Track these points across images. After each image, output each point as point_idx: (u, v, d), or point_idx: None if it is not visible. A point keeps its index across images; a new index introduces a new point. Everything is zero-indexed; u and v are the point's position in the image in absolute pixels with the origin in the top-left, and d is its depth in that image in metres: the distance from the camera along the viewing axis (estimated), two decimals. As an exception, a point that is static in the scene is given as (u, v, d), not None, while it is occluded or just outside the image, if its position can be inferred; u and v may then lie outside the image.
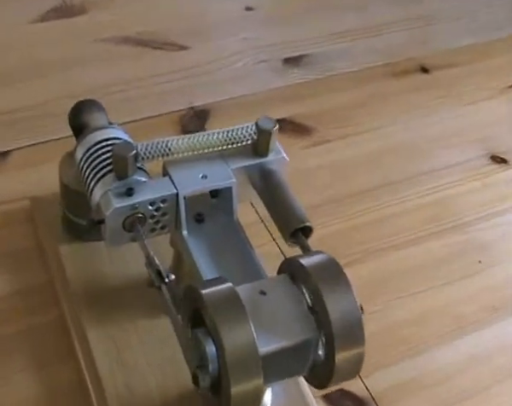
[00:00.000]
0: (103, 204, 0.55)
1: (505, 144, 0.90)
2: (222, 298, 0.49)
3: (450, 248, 0.78)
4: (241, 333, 0.47)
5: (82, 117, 0.63)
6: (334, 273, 0.51)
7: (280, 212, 0.58)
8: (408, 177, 0.84)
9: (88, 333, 0.63)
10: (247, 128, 0.58)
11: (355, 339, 0.50)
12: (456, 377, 0.67)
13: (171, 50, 0.92)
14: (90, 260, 0.68)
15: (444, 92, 0.95)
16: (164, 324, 0.62)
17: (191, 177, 0.57)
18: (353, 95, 0.92)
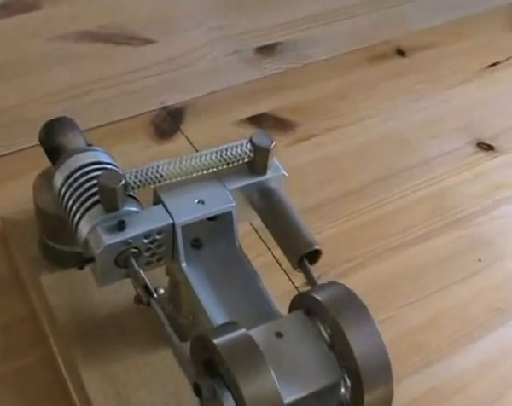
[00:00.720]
0: (92, 241, 0.50)
1: (490, 129, 0.86)
2: (238, 348, 0.44)
3: (451, 246, 0.74)
4: (262, 385, 0.42)
5: (55, 138, 0.56)
6: (352, 306, 0.47)
7: (285, 237, 0.53)
8: (399, 171, 0.80)
9: (82, 372, 0.57)
10: (242, 146, 0.53)
11: (383, 375, 0.45)
12: (472, 384, 0.64)
13: (136, 45, 0.85)
14: (75, 288, 0.62)
15: (423, 76, 0.91)
16: (164, 354, 0.58)
17: (187, 204, 0.52)
18: (333, 85, 0.87)
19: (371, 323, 0.46)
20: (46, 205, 0.59)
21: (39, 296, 0.62)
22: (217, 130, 0.79)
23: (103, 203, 0.50)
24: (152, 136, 0.77)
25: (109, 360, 0.58)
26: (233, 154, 0.52)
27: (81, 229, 0.51)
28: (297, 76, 0.87)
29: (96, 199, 0.51)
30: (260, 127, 0.81)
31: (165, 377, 0.58)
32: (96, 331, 0.60)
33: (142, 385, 0.57)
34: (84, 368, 0.57)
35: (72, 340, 0.59)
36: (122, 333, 0.60)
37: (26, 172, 0.70)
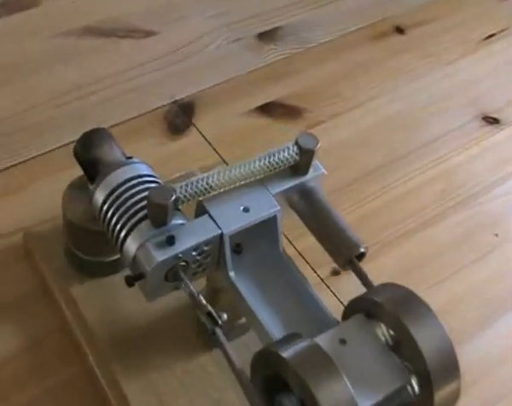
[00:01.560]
0: (143, 258, 0.49)
1: (494, 102, 0.87)
2: (309, 359, 0.44)
3: (465, 225, 0.75)
4: (338, 394, 0.43)
5: (92, 151, 0.56)
6: (414, 305, 0.48)
7: (331, 238, 0.53)
8: (407, 152, 0.81)
9: (124, 385, 0.57)
10: (289, 150, 0.53)
11: (451, 372, 0.46)
12: (499, 365, 0.66)
13: (139, 38, 0.84)
14: (106, 298, 0.62)
15: (423, 53, 0.91)
16: (204, 361, 0.59)
17: (232, 212, 0.52)
18: (335, 67, 0.87)
19: (437, 322, 0.46)
20: (77, 217, 0.59)
21: (70, 308, 0.62)
22: (228, 122, 0.79)
23: (152, 219, 0.50)
24: (165, 132, 0.77)
25: (148, 370, 0.59)
26: (280, 159, 0.52)
27: (128, 245, 0.51)
28: (300, 61, 0.87)
29: (143, 214, 0.51)
30: (271, 116, 0.81)
31: (206, 384, 0.58)
32: (132, 341, 0.60)
33: (184, 393, 0.58)
34: (125, 380, 0.58)
35: (109, 352, 0.59)
36: (158, 342, 0.60)
37: (39, 182, 0.71)
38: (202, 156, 0.76)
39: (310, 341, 0.45)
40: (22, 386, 0.59)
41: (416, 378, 0.47)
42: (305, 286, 0.53)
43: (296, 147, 0.53)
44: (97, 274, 0.62)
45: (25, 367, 0.60)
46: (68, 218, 0.60)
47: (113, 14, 0.85)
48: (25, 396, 0.58)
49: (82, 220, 0.59)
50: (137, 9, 0.87)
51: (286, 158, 0.53)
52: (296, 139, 0.54)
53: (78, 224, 0.59)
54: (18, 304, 0.63)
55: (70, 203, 0.60)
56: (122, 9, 0.86)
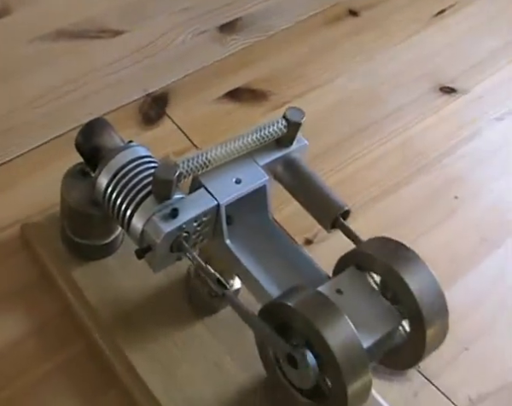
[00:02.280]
0: (151, 231, 0.54)
1: (449, 73, 0.94)
2: (314, 305, 0.49)
3: (427, 188, 0.81)
4: (344, 334, 0.48)
5: (93, 140, 0.60)
6: (401, 252, 0.53)
7: (316, 202, 0.58)
8: (369, 125, 0.86)
9: (130, 356, 0.61)
10: (278, 123, 0.58)
11: (440, 310, 0.52)
12: (468, 315, 0.71)
13: (109, 37, 0.88)
14: (106, 279, 0.66)
15: (377, 33, 0.97)
16: (200, 330, 0.64)
17: (226, 185, 0.57)
18: (295, 52, 0.93)
19: (425, 267, 0.52)
20: (77, 203, 0.63)
21: (72, 290, 0.65)
22: (199, 110, 0.84)
23: (157, 194, 0.54)
24: (140, 123, 0.81)
25: (151, 341, 0.63)
26: (270, 132, 0.57)
27: (136, 222, 0.55)
28: (262, 48, 0.92)
29: (146, 192, 0.55)
30: (238, 101, 0.86)
31: (203, 350, 0.63)
32: (132, 316, 0.64)
33: (184, 359, 0.62)
34: (129, 351, 0.62)
35: (113, 327, 0.63)
36: (157, 314, 0.64)
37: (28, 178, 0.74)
38: (176, 142, 0.80)
39: (312, 290, 0.50)
40: (33, 365, 0.62)
41: (408, 319, 0.53)
42: (296, 247, 0.58)
43: (284, 120, 0.58)
44: (94, 257, 0.66)
45: (34, 348, 0.63)
46: (69, 205, 0.63)
47: (82, 17, 0.89)
48: (37, 373, 0.62)
49: (81, 205, 0.62)
50: (105, 11, 0.90)
51: (275, 130, 0.58)
52: (284, 113, 0.58)
53: (78, 209, 0.63)
54: (20, 293, 0.66)
55: (68, 191, 0.63)
56: (91, 12, 0.90)
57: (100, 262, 0.67)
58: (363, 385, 0.49)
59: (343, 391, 0.48)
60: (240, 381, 0.60)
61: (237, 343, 0.62)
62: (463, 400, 0.64)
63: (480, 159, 0.85)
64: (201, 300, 0.63)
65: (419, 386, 0.64)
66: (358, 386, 0.49)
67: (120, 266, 0.66)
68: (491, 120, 0.90)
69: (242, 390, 0.61)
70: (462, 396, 0.64)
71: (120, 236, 0.66)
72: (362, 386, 0.49)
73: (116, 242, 0.66)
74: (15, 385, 0.61)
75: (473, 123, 0.89)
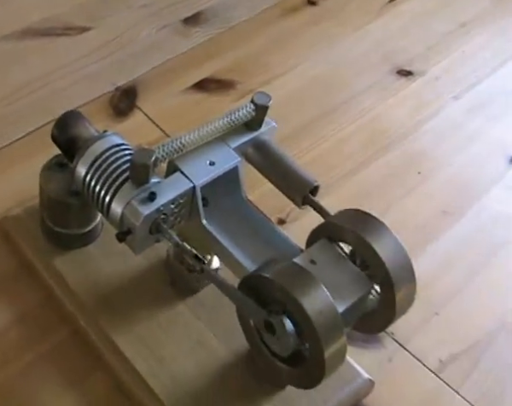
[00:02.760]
0: (130, 214, 0.56)
1: (405, 57, 0.97)
2: (290, 275, 0.52)
3: (391, 165, 0.84)
4: (319, 299, 0.51)
5: (69, 131, 0.62)
6: (369, 222, 0.56)
7: (287, 180, 0.61)
8: (333, 108, 0.89)
9: (115, 339, 0.63)
10: (246, 107, 0.60)
11: (408, 274, 0.55)
12: (436, 281, 0.74)
13: (75, 34, 0.90)
14: (87, 266, 0.68)
15: (335, 21, 1.00)
16: (182, 310, 0.66)
17: (200, 167, 0.59)
18: (258, 42, 0.95)
19: (391, 234, 0.55)
20: (55, 193, 0.65)
21: (55, 279, 0.67)
22: (168, 101, 0.86)
23: (135, 179, 0.57)
24: (111, 116, 0.83)
25: (135, 323, 0.65)
26: (239, 116, 0.60)
27: (115, 207, 0.57)
28: (225, 39, 0.95)
29: (124, 178, 0.57)
30: (206, 91, 0.88)
31: (186, 329, 0.65)
32: (116, 300, 0.66)
33: (169, 338, 0.64)
34: (116, 334, 0.64)
35: (97, 313, 0.65)
36: (140, 297, 0.67)
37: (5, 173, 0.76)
38: (148, 133, 0.82)
39: (287, 261, 0.53)
40: (18, 354, 0.64)
41: (378, 285, 0.56)
42: (270, 224, 0.60)
43: (252, 104, 0.61)
44: (75, 246, 0.68)
45: (17, 337, 0.65)
46: (48, 196, 0.65)
47: (47, 16, 0.91)
48: (22, 362, 0.63)
49: (60, 195, 0.64)
50: (69, 9, 0.92)
51: (244, 114, 0.60)
52: (252, 97, 0.61)
53: (58, 199, 0.65)
54: (1, 285, 0.68)
55: (47, 182, 0.65)
56: (55, 10, 0.92)
57: (81, 250, 0.68)
58: (339, 348, 0.52)
59: (320, 354, 0.51)
60: (223, 356, 0.63)
61: (218, 321, 0.65)
62: (434, 362, 0.67)
63: (441, 136, 0.88)
64: (182, 281, 0.66)
65: (393, 352, 0.67)
66: (335, 349, 0.51)
67: (101, 253, 0.69)
68: (449, 99, 0.93)
69: (226, 364, 0.63)
70: (432, 358, 0.67)
71: (100, 225, 0.68)
72: (338, 349, 0.52)
73: (96, 231, 0.68)
74: (1, 375, 0.62)
75: (432, 102, 0.92)
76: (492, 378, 0.67)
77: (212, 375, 0.62)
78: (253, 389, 0.61)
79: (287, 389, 0.61)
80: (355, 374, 0.63)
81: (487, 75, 0.97)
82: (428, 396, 0.65)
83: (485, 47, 1.01)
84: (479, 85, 0.96)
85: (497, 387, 0.67)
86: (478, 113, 0.92)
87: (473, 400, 0.65)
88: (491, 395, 0.66)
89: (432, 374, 0.67)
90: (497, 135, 0.90)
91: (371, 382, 0.64)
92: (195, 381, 0.62)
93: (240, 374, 0.62)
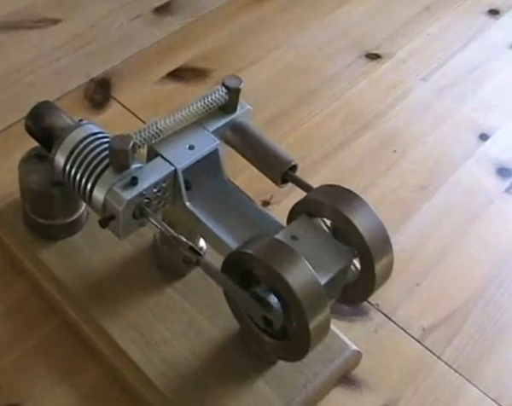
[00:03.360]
0: (113, 200, 0.56)
1: (373, 41, 0.99)
2: (272, 250, 0.53)
3: (368, 145, 0.86)
4: (302, 273, 0.52)
5: (43, 121, 0.62)
6: (347, 197, 0.57)
7: (265, 161, 0.62)
8: (307, 94, 0.90)
9: (107, 327, 0.64)
10: (218, 91, 0.61)
11: (385, 245, 0.56)
12: (416, 254, 0.76)
13: (46, 27, 0.90)
14: (73, 256, 0.68)
15: (304, 8, 1.01)
16: (171, 294, 0.67)
17: (181, 151, 0.60)
18: (230, 29, 0.96)
19: (368, 208, 0.56)
20: (38, 186, 0.65)
21: (42, 270, 0.67)
22: (144, 91, 0.87)
23: (115, 165, 0.57)
24: (88, 108, 0.83)
25: (124, 309, 0.65)
26: (213, 99, 0.61)
27: (97, 194, 0.57)
28: (197, 28, 0.95)
29: (104, 165, 0.58)
30: (181, 80, 0.89)
31: (176, 311, 0.66)
32: (104, 287, 0.67)
33: (159, 323, 0.65)
34: (106, 321, 0.64)
35: (86, 301, 0.65)
36: (128, 284, 0.67)
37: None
38: (127, 123, 0.83)
39: (269, 238, 0.54)
40: (6, 349, 0.64)
41: (358, 257, 0.57)
42: (252, 204, 0.61)
43: (224, 87, 0.61)
44: (60, 236, 0.68)
45: (6, 331, 0.65)
46: (30, 188, 0.65)
47: (16, 9, 0.91)
48: (11, 356, 0.64)
49: (42, 186, 0.65)
50: (38, 1, 0.92)
51: (217, 98, 0.61)
52: (222, 81, 0.62)
53: (40, 191, 0.65)
54: (-14, 281, 0.68)
55: (27, 175, 0.65)
56: (23, 2, 0.92)
57: (66, 241, 0.69)
58: (323, 319, 0.53)
59: (305, 327, 0.52)
60: (214, 337, 0.64)
61: (208, 303, 0.66)
62: (418, 331, 0.69)
63: (413, 116, 0.90)
64: (170, 266, 0.67)
65: (378, 323, 0.69)
66: (319, 321, 0.53)
67: (86, 243, 0.69)
68: (418, 80, 0.95)
69: (217, 344, 0.64)
70: (416, 327, 0.69)
71: (84, 214, 0.69)
72: (322, 321, 0.53)
73: (81, 220, 0.68)
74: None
75: (401, 84, 0.94)
76: (472, 343, 0.69)
77: (205, 356, 0.63)
78: (246, 367, 0.62)
79: (278, 365, 0.63)
80: (343, 346, 0.65)
81: (452, 56, 0.99)
82: (413, 363, 0.67)
83: (449, 29, 1.03)
84: (445, 66, 0.98)
85: (476, 352, 0.69)
86: (446, 92, 0.94)
87: (454, 365, 0.67)
88: (471, 359, 0.68)
89: (416, 342, 0.69)
90: (466, 113, 0.92)
91: (359, 353, 0.66)
92: (188, 363, 0.63)
93: (231, 353, 0.63)
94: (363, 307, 0.70)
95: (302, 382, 0.62)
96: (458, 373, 0.67)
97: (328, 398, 0.64)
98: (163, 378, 0.61)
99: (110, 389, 0.62)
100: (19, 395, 0.61)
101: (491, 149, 0.87)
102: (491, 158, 0.86)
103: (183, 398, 0.61)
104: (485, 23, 1.04)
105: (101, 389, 0.62)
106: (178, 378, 0.61)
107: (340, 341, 0.65)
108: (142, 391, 0.61)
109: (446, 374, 0.67)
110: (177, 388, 0.61)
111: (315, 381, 0.63)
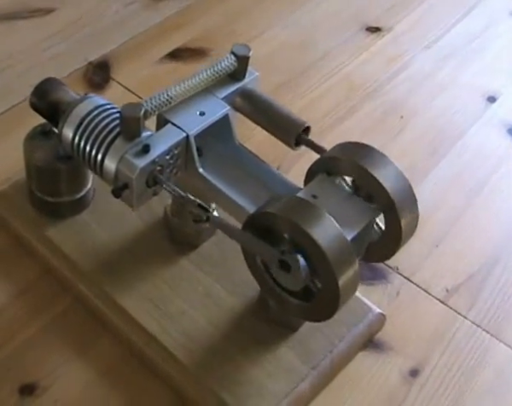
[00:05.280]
0: (125, 168, 0.55)
1: (372, 15, 0.98)
2: (295, 207, 0.52)
3: (375, 113, 0.85)
4: (328, 229, 0.51)
5: (49, 96, 0.61)
6: (368, 152, 0.56)
7: (279, 123, 0.60)
8: (308, 66, 0.89)
9: (122, 302, 0.62)
10: (228, 59, 0.60)
11: (410, 200, 0.55)
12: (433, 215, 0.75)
13: (41, 16, 0.89)
14: (82, 233, 0.67)
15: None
16: (186, 266, 0.65)
17: (191, 118, 0.58)
18: (226, 11, 0.95)
19: (390, 161, 0.55)
20: (44, 162, 0.63)
21: (51, 249, 0.66)
22: (143, 71, 0.86)
23: (126, 133, 0.56)
24: (88, 89, 0.82)
25: (139, 282, 0.64)
26: (223, 67, 0.59)
27: (108, 164, 0.56)
28: (193, 11, 0.94)
29: (114, 134, 0.57)
30: (180, 60, 0.87)
31: (191, 282, 0.64)
32: (116, 262, 0.65)
33: (175, 294, 0.64)
34: (121, 296, 0.63)
35: (98, 276, 0.64)
36: (140, 258, 0.66)
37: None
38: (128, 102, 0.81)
39: (291, 196, 0.53)
40: (22, 327, 0.63)
41: (383, 213, 0.55)
42: (266, 166, 0.60)
43: (233, 55, 0.60)
44: (67, 214, 0.67)
45: (21, 311, 0.64)
46: (35, 165, 0.64)
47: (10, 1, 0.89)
48: (26, 335, 0.62)
49: (48, 162, 0.63)
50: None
51: (227, 65, 0.60)
52: (231, 50, 0.61)
53: (46, 167, 0.63)
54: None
55: (32, 152, 0.64)
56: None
57: (74, 218, 0.67)
58: (351, 275, 0.51)
59: (334, 284, 0.51)
60: (233, 306, 0.63)
61: (224, 273, 0.64)
62: (441, 291, 0.68)
63: (416, 84, 0.89)
64: (182, 237, 0.66)
65: (399, 286, 0.68)
66: (348, 277, 0.51)
67: (95, 219, 0.67)
68: (419, 51, 0.94)
69: (237, 313, 0.63)
70: (439, 288, 0.68)
71: (91, 190, 0.67)
72: (351, 277, 0.51)
73: (87, 197, 0.67)
74: (7, 347, 0.61)
75: (402, 55, 0.93)
76: (498, 301, 0.68)
77: (224, 326, 0.62)
78: (267, 334, 0.61)
79: (301, 331, 0.61)
80: (366, 309, 0.64)
81: (453, 25, 0.98)
82: (438, 324, 0.66)
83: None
84: (446, 36, 0.97)
85: (502, 309, 0.67)
86: (449, 60, 0.93)
87: (482, 323, 0.66)
88: (498, 316, 0.67)
89: (439, 302, 0.68)
90: (471, 78, 0.91)
91: (383, 316, 0.64)
92: (208, 333, 0.62)
93: (252, 322, 0.62)
94: (383, 270, 0.69)
95: (327, 347, 0.61)
96: (486, 331, 0.66)
97: (353, 363, 0.63)
98: (183, 349, 0.60)
99: (127, 364, 0.61)
100: (33, 374, 0.60)
101: (500, 110, 0.86)
102: (501, 119, 0.86)
103: (204, 369, 0.59)
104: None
105: (119, 364, 0.61)
106: (199, 349, 0.60)
107: (363, 304, 0.64)
108: (162, 363, 0.60)
109: (474, 334, 0.66)
110: (198, 359, 0.60)
111: (340, 346, 0.62)
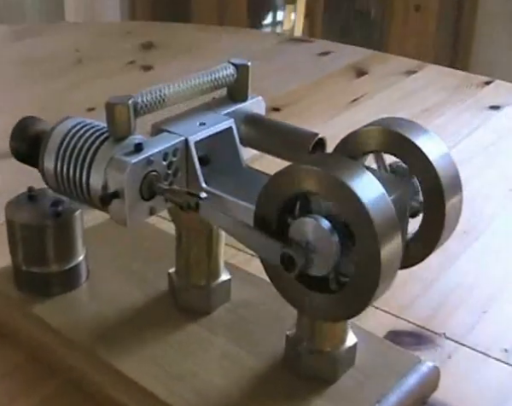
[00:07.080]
0: (115, 169, 0.47)
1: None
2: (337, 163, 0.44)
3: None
4: (369, 184, 0.42)
5: (29, 132, 0.54)
6: (411, 127, 0.48)
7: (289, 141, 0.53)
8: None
9: (123, 368, 0.52)
10: (224, 69, 0.54)
11: (456, 182, 0.47)
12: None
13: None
14: (74, 310, 0.57)
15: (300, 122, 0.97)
16: (195, 329, 0.56)
17: (191, 127, 0.51)
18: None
19: (439, 140, 0.48)
20: (28, 220, 0.56)
21: (40, 328, 0.56)
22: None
23: (115, 131, 0.48)
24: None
25: (142, 350, 0.54)
26: (220, 76, 0.53)
27: (95, 170, 0.48)
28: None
29: (103, 139, 0.49)
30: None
31: (204, 345, 0.54)
32: (113, 334, 0.55)
33: (185, 357, 0.53)
34: (122, 365, 0.52)
35: (96, 350, 0.54)
36: (142, 328, 0.56)
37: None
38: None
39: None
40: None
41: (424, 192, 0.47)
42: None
43: (231, 64, 0.54)
44: (55, 291, 0.58)
45: (7, 391, 0.53)
46: (20, 224, 0.56)
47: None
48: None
49: (33, 219, 0.56)
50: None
51: (226, 74, 0.54)
52: (227, 60, 0.55)
53: (31, 224, 0.56)
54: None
55: (17, 213, 0.56)
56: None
57: (64, 296, 0.58)
58: (395, 248, 0.42)
59: (376, 253, 0.41)
60: (253, 364, 0.52)
61: (240, 334, 0.55)
62: (499, 352, 0.57)
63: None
64: (191, 300, 0.57)
65: (450, 349, 0.57)
66: (391, 249, 0.42)
67: (89, 297, 0.59)
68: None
69: (258, 371, 0.52)
70: (495, 349, 0.58)
71: (83, 265, 0.59)
72: (395, 251, 0.42)
73: (79, 270, 0.59)
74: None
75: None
76: None
77: (247, 384, 0.50)
78: (298, 389, 0.50)
79: (339, 383, 0.50)
80: (416, 360, 0.52)
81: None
82: (500, 383, 0.55)
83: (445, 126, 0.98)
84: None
85: None
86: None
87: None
88: None
89: (499, 362, 0.56)
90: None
91: (437, 369, 0.53)
92: (226, 393, 0.50)
93: (279, 378, 0.51)
94: (429, 336, 0.58)
95: (373, 398, 0.49)
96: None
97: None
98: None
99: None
100: None
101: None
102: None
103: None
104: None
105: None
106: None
107: (412, 356, 0.53)
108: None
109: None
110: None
111: (390, 398, 0.49)
